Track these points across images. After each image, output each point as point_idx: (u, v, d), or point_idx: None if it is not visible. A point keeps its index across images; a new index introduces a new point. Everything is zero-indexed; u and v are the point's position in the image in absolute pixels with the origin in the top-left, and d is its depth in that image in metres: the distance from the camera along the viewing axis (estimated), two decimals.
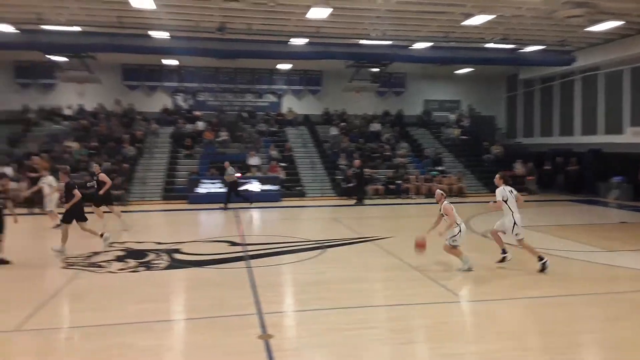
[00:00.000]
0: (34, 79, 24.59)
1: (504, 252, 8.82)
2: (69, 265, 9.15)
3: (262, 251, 10.45)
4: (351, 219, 15.81)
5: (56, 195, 13.39)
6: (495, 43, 20.08)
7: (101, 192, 12.80)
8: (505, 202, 8.49)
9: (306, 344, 5.57)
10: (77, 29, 17.77)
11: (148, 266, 9.08)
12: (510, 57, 22.28)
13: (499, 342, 5.58)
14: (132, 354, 5.24)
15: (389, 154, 24.23)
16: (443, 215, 8.55)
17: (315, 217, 17.50)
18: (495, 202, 8.65)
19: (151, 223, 15.63)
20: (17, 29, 17.45)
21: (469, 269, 8.40)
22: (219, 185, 19.67)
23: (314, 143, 25.32)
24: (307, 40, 19.58)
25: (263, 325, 5.97)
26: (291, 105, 27.66)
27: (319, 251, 10.31)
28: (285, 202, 19.69)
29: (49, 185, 13.55)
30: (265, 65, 25.09)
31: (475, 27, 17.65)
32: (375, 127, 26.42)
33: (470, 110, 29.04)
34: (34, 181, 17.12)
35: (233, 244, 11.30)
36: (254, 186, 20.15)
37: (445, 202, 8.53)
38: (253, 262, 9.40)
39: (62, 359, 5.42)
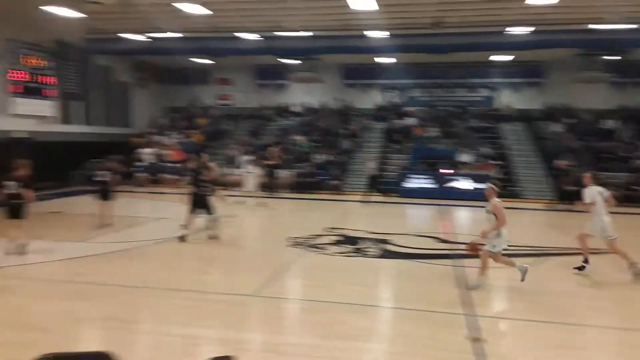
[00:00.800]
0: (270, 80, 28.30)
1: (585, 261, 8.30)
2: (295, 244, 10.36)
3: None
4: (575, 227, 14.18)
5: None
6: None
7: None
8: (593, 204, 8.01)
9: (520, 356, 5.27)
10: (307, 34, 19.74)
11: (362, 253, 9.71)
12: None
13: None
14: (347, 331, 5.71)
15: (628, 155, 20.89)
16: (491, 214, 7.42)
17: (530, 220, 16.22)
18: (584, 204, 8.16)
19: (364, 213, 16.54)
20: (259, 37, 20.25)
21: (476, 287, 7.29)
22: (428, 180, 19.80)
23: (532, 140, 23.38)
24: (528, 28, 18.13)
25: (472, 327, 5.86)
26: (507, 99, 26.01)
27: (535, 258, 9.57)
28: None
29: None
30: (479, 58, 24.06)
31: None
32: (609, 123, 23.04)
33: None
34: (269, 169, 19.78)
35: (441, 240, 11.27)
36: (464, 184, 19.62)
37: (496, 199, 7.44)
38: (461, 261, 9.23)
39: (288, 326, 6.22)
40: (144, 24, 18.70)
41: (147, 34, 20.30)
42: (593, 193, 8.14)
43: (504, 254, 7.54)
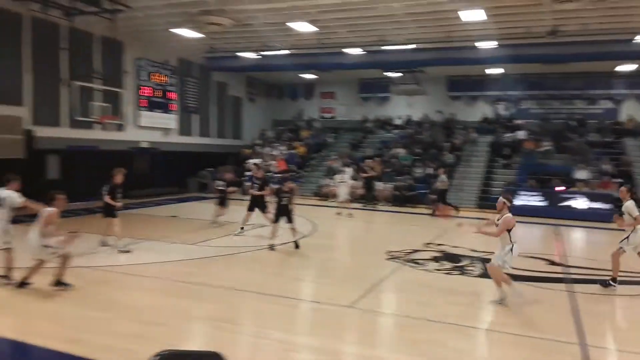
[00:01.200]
0: (373, 93, 28.50)
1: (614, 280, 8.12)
2: (392, 257, 10.27)
3: (587, 276, 9.36)
4: None
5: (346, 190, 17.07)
6: None
7: (255, 192, 12.86)
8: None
9: None
10: (412, 46, 19.58)
11: (462, 271, 9.38)
12: None
13: None
14: (444, 352, 5.54)
15: None
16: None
17: None
18: (635, 217, 7.82)
19: (465, 229, 15.91)
20: (363, 51, 20.49)
21: (501, 303, 7.15)
22: (538, 197, 18.56)
23: None
24: None
25: (587, 359, 5.39)
26: (633, 112, 23.63)
27: None
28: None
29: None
30: (601, 68, 22.15)
31: None
32: None
33: None
34: (367, 181, 19.86)
35: (552, 263, 10.50)
36: (580, 203, 18.10)
37: (507, 214, 7.41)
38: (576, 286, 8.53)
39: (384, 341, 6.18)
40: (257, 42, 19.86)
41: (259, 52, 21.50)
42: (635, 207, 7.99)
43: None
